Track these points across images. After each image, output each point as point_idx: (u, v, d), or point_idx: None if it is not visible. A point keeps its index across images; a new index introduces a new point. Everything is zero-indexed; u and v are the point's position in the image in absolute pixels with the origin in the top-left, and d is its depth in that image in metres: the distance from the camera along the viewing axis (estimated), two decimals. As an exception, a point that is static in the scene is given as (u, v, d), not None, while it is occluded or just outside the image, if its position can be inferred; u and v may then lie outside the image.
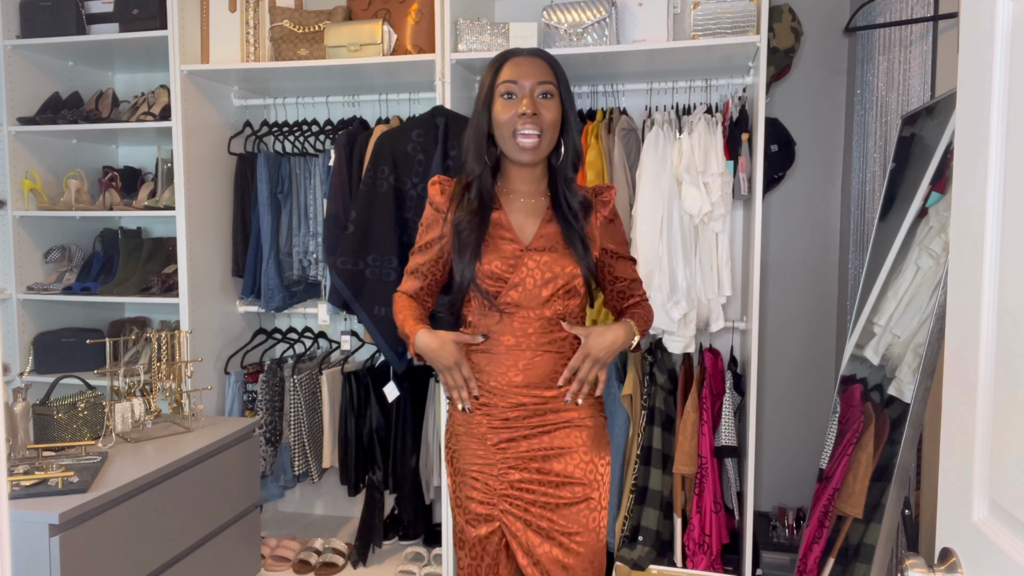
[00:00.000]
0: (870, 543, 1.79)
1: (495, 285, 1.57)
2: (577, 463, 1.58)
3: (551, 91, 1.56)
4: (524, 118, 1.52)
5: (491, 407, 1.59)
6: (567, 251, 1.58)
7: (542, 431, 1.58)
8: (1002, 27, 0.84)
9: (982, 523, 0.85)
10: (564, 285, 1.58)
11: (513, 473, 1.58)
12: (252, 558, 2.48)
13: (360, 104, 3.07)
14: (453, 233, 1.61)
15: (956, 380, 0.93)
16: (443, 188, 1.66)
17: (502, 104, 1.56)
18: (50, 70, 3.05)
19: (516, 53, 1.60)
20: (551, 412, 1.59)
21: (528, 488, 1.57)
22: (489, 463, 1.59)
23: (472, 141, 1.61)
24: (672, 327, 2.52)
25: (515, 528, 1.58)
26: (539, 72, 1.55)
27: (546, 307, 1.57)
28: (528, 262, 1.57)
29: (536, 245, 1.59)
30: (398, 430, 2.86)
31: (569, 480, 1.57)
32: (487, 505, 1.59)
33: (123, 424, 2.23)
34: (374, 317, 2.55)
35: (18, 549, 1.67)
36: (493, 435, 1.59)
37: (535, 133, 1.53)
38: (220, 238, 2.98)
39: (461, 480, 1.63)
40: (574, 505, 1.58)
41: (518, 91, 1.55)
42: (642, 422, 2.64)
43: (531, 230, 1.61)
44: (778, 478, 3.14)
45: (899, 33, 2.40)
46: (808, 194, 3.10)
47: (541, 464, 1.57)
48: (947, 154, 1.84)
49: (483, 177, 1.61)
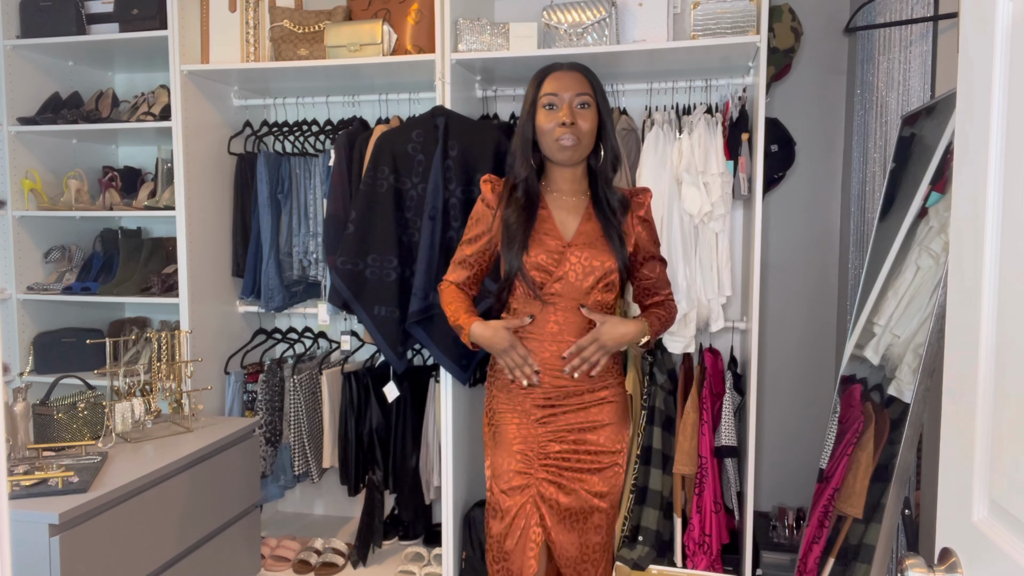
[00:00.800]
0: (870, 543, 1.79)
1: (541, 276, 1.74)
2: (608, 435, 1.80)
3: (588, 102, 1.74)
4: (563, 128, 1.71)
5: (538, 386, 1.78)
6: (606, 246, 1.76)
7: (580, 407, 1.78)
8: (1002, 27, 0.84)
9: (982, 523, 0.85)
10: (602, 278, 1.75)
11: (553, 445, 1.77)
12: (252, 558, 2.48)
13: (360, 104, 3.07)
14: (503, 227, 1.79)
15: (956, 380, 0.93)
16: (494, 186, 1.84)
17: (544, 114, 1.75)
18: (50, 70, 3.05)
19: (557, 67, 1.78)
20: (587, 392, 1.78)
21: (565, 457, 1.77)
22: (532, 435, 1.77)
23: (519, 147, 1.80)
24: (672, 327, 2.52)
25: (547, 492, 1.76)
26: (577, 85, 1.74)
27: (586, 297, 1.75)
28: (570, 257, 1.75)
29: (577, 241, 1.77)
30: (398, 430, 2.86)
31: (601, 449, 1.79)
32: (525, 475, 1.76)
33: (123, 424, 2.23)
34: (374, 317, 2.55)
35: (18, 549, 1.67)
36: (537, 411, 1.78)
37: (573, 139, 1.72)
38: (220, 238, 2.98)
39: (502, 452, 1.79)
40: (605, 470, 1.80)
41: (558, 102, 1.73)
42: (642, 422, 2.64)
43: (572, 227, 1.79)
44: (778, 478, 3.14)
45: (899, 33, 2.40)
46: (808, 194, 3.10)
47: (577, 436, 1.78)
48: (947, 154, 1.84)
49: (529, 178, 1.79)
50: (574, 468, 1.77)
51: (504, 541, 1.76)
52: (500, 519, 1.77)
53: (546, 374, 1.76)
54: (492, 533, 1.79)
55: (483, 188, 1.84)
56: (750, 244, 2.50)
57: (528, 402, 1.78)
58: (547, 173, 1.83)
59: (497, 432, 1.82)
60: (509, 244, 1.75)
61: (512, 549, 1.76)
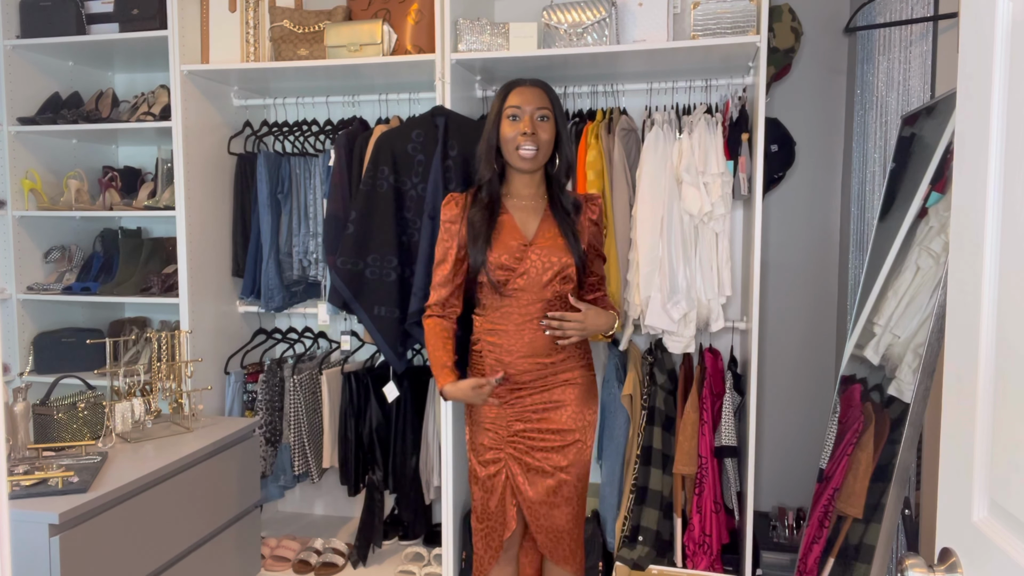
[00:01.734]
0: (870, 543, 1.79)
1: (505, 274, 1.91)
2: (570, 414, 1.96)
3: (547, 115, 1.92)
4: (525, 136, 1.89)
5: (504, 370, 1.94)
6: (563, 244, 1.94)
7: (543, 388, 1.95)
8: (1002, 27, 0.84)
9: (982, 523, 0.85)
10: (560, 272, 1.93)
11: (518, 424, 1.96)
12: (252, 558, 2.48)
13: (360, 104, 3.07)
14: (468, 226, 1.95)
15: (956, 380, 0.93)
16: (456, 202, 2.01)
17: (508, 124, 1.92)
18: (50, 70, 3.05)
19: (520, 83, 1.96)
20: (550, 375, 1.96)
21: (529, 436, 1.96)
22: (499, 416, 1.96)
23: (484, 152, 1.98)
24: (672, 327, 2.52)
25: (514, 467, 1.96)
26: (538, 99, 1.92)
27: (546, 290, 1.93)
28: (531, 254, 1.92)
29: (537, 240, 1.95)
30: (398, 430, 2.86)
31: (563, 428, 1.96)
32: (495, 450, 1.97)
33: (123, 424, 2.23)
34: (374, 317, 2.55)
35: (18, 549, 1.67)
36: (505, 393, 1.95)
37: (533, 148, 1.90)
38: (220, 238, 2.98)
39: (476, 429, 2.01)
40: (567, 447, 1.97)
41: (520, 114, 1.91)
42: (642, 422, 2.64)
43: (532, 227, 1.97)
44: (778, 478, 3.14)
45: (899, 33, 2.40)
46: (808, 194, 3.10)
47: (541, 415, 1.95)
48: (947, 154, 1.84)
49: (492, 181, 1.98)
50: (539, 447, 1.95)
51: (488, 503, 1.99)
52: (480, 485, 2.00)
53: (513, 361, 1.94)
54: (475, 497, 2.02)
55: (443, 210, 2.01)
56: (750, 244, 2.50)
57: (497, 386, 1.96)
58: (508, 179, 2.00)
59: (473, 411, 2.04)
60: (474, 242, 1.93)
61: (494, 509, 1.99)
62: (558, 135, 1.96)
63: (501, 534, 1.99)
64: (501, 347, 1.95)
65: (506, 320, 1.94)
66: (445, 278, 2.01)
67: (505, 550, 2.03)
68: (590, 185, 2.58)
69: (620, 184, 2.59)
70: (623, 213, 2.60)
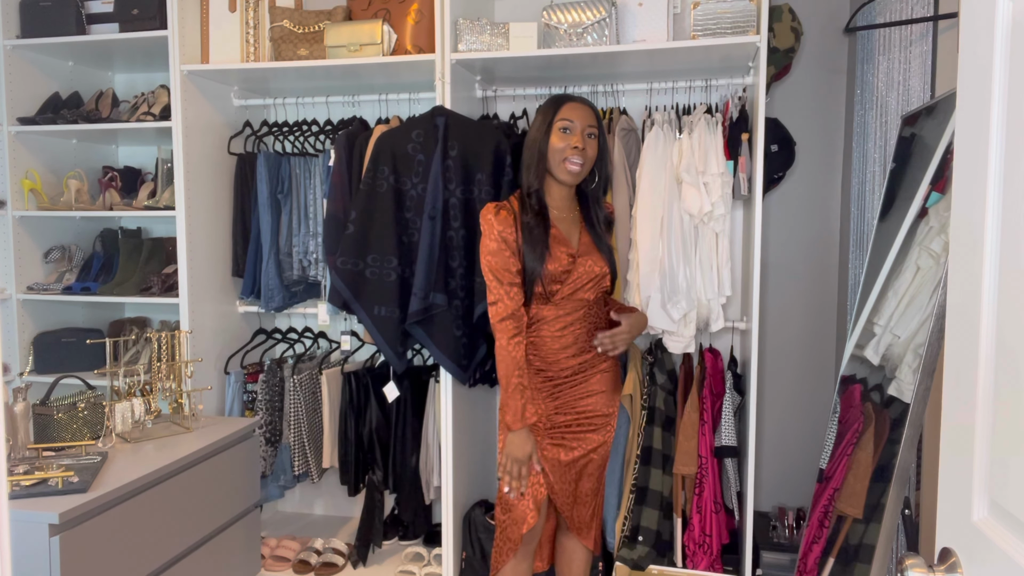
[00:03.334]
0: (870, 543, 1.79)
1: (556, 284, 2.01)
2: (602, 400, 2.12)
3: (595, 133, 2.02)
4: (576, 150, 1.96)
5: (547, 371, 2.06)
6: (600, 255, 2.08)
7: (581, 383, 2.09)
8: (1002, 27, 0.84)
9: (982, 523, 0.85)
10: (600, 280, 2.07)
11: (559, 416, 2.08)
12: (252, 558, 2.48)
13: (360, 104, 3.07)
14: (524, 233, 1.99)
15: (956, 380, 0.93)
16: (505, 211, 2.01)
17: (559, 135, 1.98)
18: (50, 70, 3.05)
19: (571, 98, 2.04)
20: (588, 368, 2.10)
21: (568, 424, 2.09)
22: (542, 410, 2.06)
23: (534, 161, 2.02)
24: (672, 327, 2.52)
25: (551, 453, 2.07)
26: (589, 117, 2.01)
27: (586, 295, 2.06)
28: (578, 265, 2.04)
29: (582, 251, 2.07)
30: (398, 430, 2.86)
31: (596, 413, 2.12)
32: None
33: (123, 424, 2.23)
34: (374, 317, 2.55)
35: (18, 549, 1.67)
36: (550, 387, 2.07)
37: (580, 162, 1.98)
38: (220, 238, 2.98)
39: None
40: (598, 430, 2.14)
41: (573, 128, 1.98)
42: (642, 422, 2.64)
43: (575, 238, 2.08)
44: (778, 478, 3.14)
45: (899, 33, 2.40)
46: (808, 194, 3.10)
47: (577, 404, 2.09)
48: (947, 154, 1.84)
49: (541, 189, 2.04)
50: (575, 432, 2.10)
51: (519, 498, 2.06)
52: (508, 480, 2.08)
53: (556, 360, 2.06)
54: (502, 490, 2.08)
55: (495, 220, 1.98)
56: (750, 244, 2.50)
57: (540, 381, 2.06)
58: (546, 191, 2.06)
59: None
60: (532, 249, 1.97)
61: (517, 502, 2.05)
62: (601, 154, 2.06)
63: (520, 527, 2.05)
64: (543, 351, 2.05)
65: (549, 324, 2.05)
66: (516, 281, 2.00)
67: (525, 544, 2.10)
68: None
69: (620, 184, 2.59)
70: (623, 213, 2.60)
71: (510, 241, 1.98)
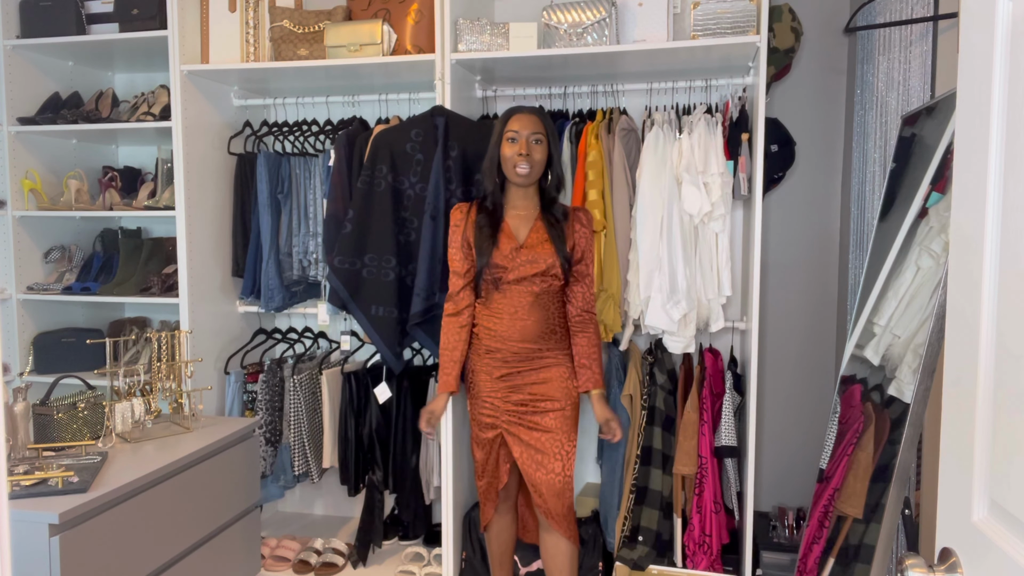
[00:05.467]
0: (870, 543, 1.79)
1: (499, 272, 2.24)
2: (556, 387, 2.30)
3: (540, 138, 2.23)
4: (521, 156, 2.19)
5: (498, 352, 2.27)
6: (549, 246, 2.24)
7: (531, 369, 2.29)
8: (1002, 27, 0.84)
9: (982, 523, 0.85)
10: (545, 270, 2.23)
11: (513, 395, 2.29)
12: (252, 558, 2.48)
13: (360, 104, 3.07)
14: (475, 231, 2.27)
15: (956, 380, 0.93)
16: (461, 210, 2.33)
17: (507, 145, 2.22)
18: (50, 70, 3.05)
19: (519, 110, 2.25)
20: (536, 357, 2.28)
21: (523, 403, 2.29)
22: (496, 390, 2.30)
23: (488, 168, 2.28)
24: (672, 327, 2.52)
25: (512, 429, 2.29)
26: (533, 125, 2.22)
27: (533, 285, 2.24)
28: (520, 255, 2.23)
29: (526, 243, 2.25)
30: (398, 430, 2.86)
31: (550, 398, 2.29)
32: (492, 417, 2.31)
33: (123, 424, 2.22)
34: (371, 317, 2.55)
35: (18, 549, 1.67)
36: (497, 371, 2.29)
37: (527, 167, 2.20)
38: (220, 238, 2.98)
39: (476, 402, 2.34)
40: (553, 412, 2.30)
41: (518, 137, 2.21)
42: (642, 422, 2.64)
43: (524, 232, 2.27)
44: (778, 478, 3.14)
45: (899, 33, 2.40)
46: (808, 194, 3.10)
47: (531, 388, 2.29)
48: (947, 154, 1.84)
49: (495, 192, 2.29)
50: (531, 411, 2.29)
51: (486, 462, 2.35)
52: (480, 447, 2.35)
53: (505, 344, 2.27)
54: (476, 458, 2.36)
55: (452, 215, 2.32)
56: (750, 244, 2.50)
57: (491, 364, 2.29)
58: (507, 192, 2.30)
59: (472, 386, 2.35)
60: (479, 245, 2.25)
61: (491, 466, 2.36)
62: (550, 157, 2.26)
63: (496, 486, 2.38)
64: (496, 333, 2.27)
65: (501, 311, 2.26)
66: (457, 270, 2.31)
67: (502, 500, 2.42)
68: (590, 185, 2.59)
69: (620, 184, 2.59)
70: (623, 213, 2.60)
71: (458, 234, 2.29)
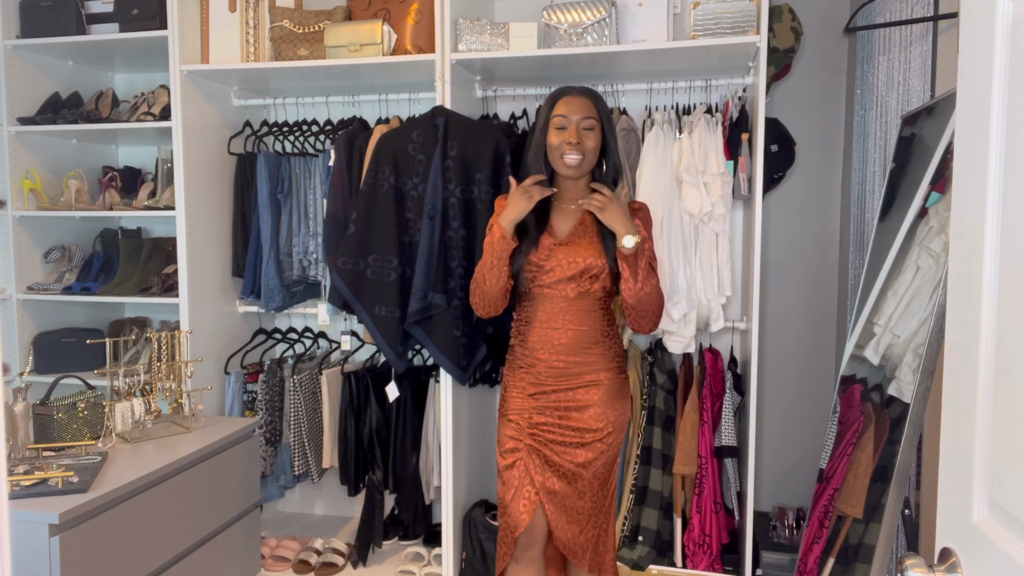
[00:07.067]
0: (870, 543, 1.79)
1: (532, 271, 1.97)
2: (592, 415, 1.97)
3: (593, 125, 1.96)
4: (570, 146, 1.93)
5: (533, 367, 2.00)
6: (595, 245, 1.97)
7: (568, 388, 1.98)
8: (1002, 27, 0.84)
9: (982, 523, 0.85)
10: (585, 271, 1.95)
11: (536, 416, 1.99)
12: (252, 558, 2.48)
13: (360, 104, 3.07)
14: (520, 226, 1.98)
15: (956, 380, 0.93)
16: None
17: (555, 133, 1.96)
18: (50, 70, 3.05)
19: (568, 91, 1.99)
20: (575, 375, 1.98)
21: (548, 429, 1.98)
22: (522, 408, 2.00)
23: (533, 159, 2.03)
24: (672, 327, 2.52)
25: (533, 459, 1.97)
26: (584, 109, 1.95)
27: (569, 289, 1.96)
28: (558, 253, 1.97)
29: (567, 240, 1.99)
30: (398, 430, 2.86)
31: (585, 427, 1.97)
32: (515, 440, 2.00)
33: (123, 424, 2.22)
34: (375, 317, 2.55)
35: (18, 549, 1.67)
36: (531, 387, 2.00)
37: (577, 156, 1.94)
38: (220, 238, 2.98)
39: (502, 421, 2.05)
40: (586, 445, 1.98)
41: (567, 123, 1.95)
42: (642, 422, 2.64)
43: (566, 228, 2.01)
44: (778, 478, 3.14)
45: (899, 33, 2.40)
46: (808, 194, 3.10)
47: (563, 413, 1.98)
48: (947, 154, 1.84)
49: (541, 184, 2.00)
50: (558, 441, 1.98)
51: (506, 496, 1.99)
52: (502, 479, 2.01)
53: (542, 358, 1.99)
54: (499, 492, 2.03)
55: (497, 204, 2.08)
56: (750, 244, 2.50)
57: (526, 379, 2.01)
58: (556, 184, 2.05)
59: (503, 404, 2.08)
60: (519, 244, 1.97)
61: (510, 503, 1.98)
62: (605, 143, 2.00)
63: (514, 531, 1.96)
64: (529, 345, 2.00)
65: (533, 319, 2.01)
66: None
67: (523, 550, 1.98)
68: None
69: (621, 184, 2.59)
70: (623, 213, 2.60)
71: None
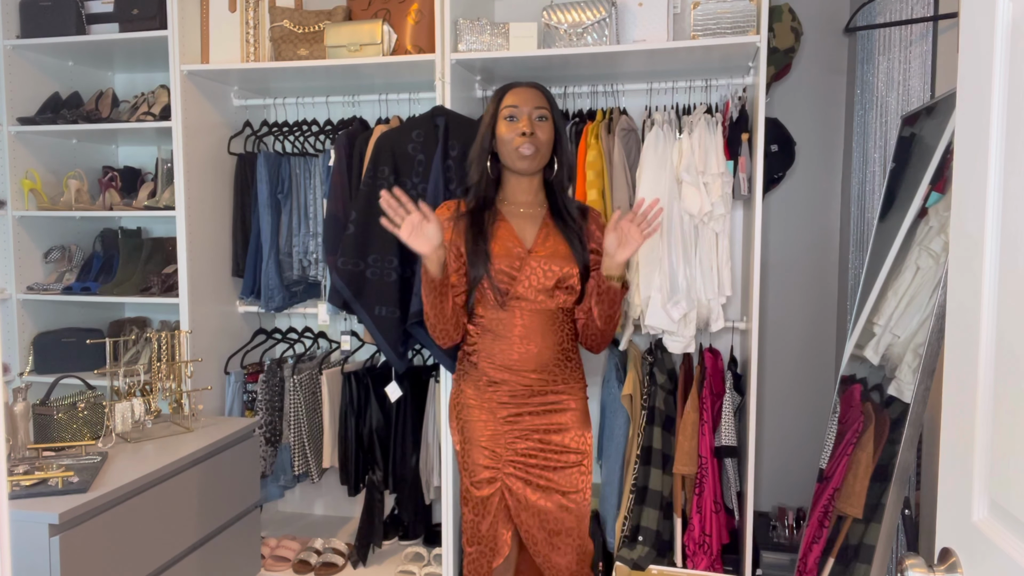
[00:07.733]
0: (870, 543, 1.79)
1: (504, 282, 1.84)
2: (572, 436, 1.91)
3: (545, 115, 1.86)
4: (523, 137, 1.82)
5: (504, 384, 1.87)
6: (566, 252, 1.86)
7: (544, 410, 1.89)
8: (1002, 27, 0.84)
9: (982, 523, 0.85)
10: (562, 281, 1.85)
11: (519, 443, 1.88)
12: (252, 558, 2.48)
13: (360, 104, 3.07)
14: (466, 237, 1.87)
15: (956, 380, 0.93)
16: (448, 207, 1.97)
17: (505, 125, 1.85)
18: (50, 70, 3.05)
19: (516, 85, 1.90)
20: (550, 392, 1.89)
21: (531, 454, 1.88)
22: (498, 434, 1.88)
23: (476, 155, 1.91)
24: (672, 327, 2.52)
25: (515, 487, 1.87)
26: (535, 99, 1.86)
27: (547, 300, 1.85)
28: (531, 262, 1.85)
29: (536, 248, 1.87)
30: (398, 430, 2.86)
31: (566, 449, 1.90)
32: (492, 469, 1.88)
33: (123, 424, 2.23)
34: (375, 317, 2.55)
35: (18, 549, 1.67)
36: (502, 409, 1.87)
37: (532, 148, 1.83)
38: (220, 238, 2.98)
39: (470, 447, 1.90)
40: (570, 468, 1.90)
41: (518, 114, 1.84)
42: (642, 422, 2.64)
43: (531, 235, 1.89)
44: (778, 478, 3.14)
45: (899, 33, 2.40)
46: (808, 194, 3.10)
47: (543, 436, 1.88)
48: (947, 154, 1.84)
49: (481, 184, 1.91)
50: (541, 465, 1.88)
51: (479, 526, 1.89)
52: (473, 508, 1.90)
53: (514, 374, 1.87)
54: (466, 519, 1.92)
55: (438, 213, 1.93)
56: (750, 244, 2.50)
57: (495, 399, 1.88)
58: (504, 184, 1.93)
59: (465, 427, 1.92)
60: (473, 250, 1.84)
61: (486, 532, 1.89)
62: (557, 137, 1.88)
63: (491, 560, 1.88)
64: (501, 360, 1.86)
65: (507, 332, 1.86)
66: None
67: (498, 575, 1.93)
68: (590, 185, 2.58)
69: (620, 184, 2.59)
70: (623, 213, 2.60)
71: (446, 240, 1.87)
